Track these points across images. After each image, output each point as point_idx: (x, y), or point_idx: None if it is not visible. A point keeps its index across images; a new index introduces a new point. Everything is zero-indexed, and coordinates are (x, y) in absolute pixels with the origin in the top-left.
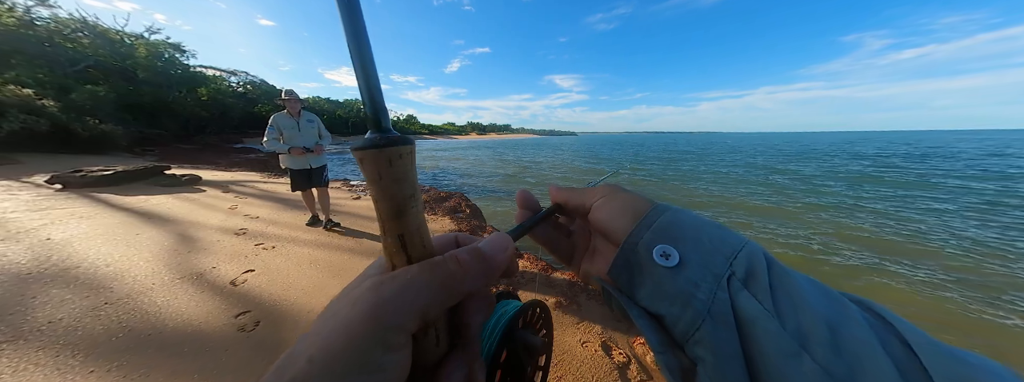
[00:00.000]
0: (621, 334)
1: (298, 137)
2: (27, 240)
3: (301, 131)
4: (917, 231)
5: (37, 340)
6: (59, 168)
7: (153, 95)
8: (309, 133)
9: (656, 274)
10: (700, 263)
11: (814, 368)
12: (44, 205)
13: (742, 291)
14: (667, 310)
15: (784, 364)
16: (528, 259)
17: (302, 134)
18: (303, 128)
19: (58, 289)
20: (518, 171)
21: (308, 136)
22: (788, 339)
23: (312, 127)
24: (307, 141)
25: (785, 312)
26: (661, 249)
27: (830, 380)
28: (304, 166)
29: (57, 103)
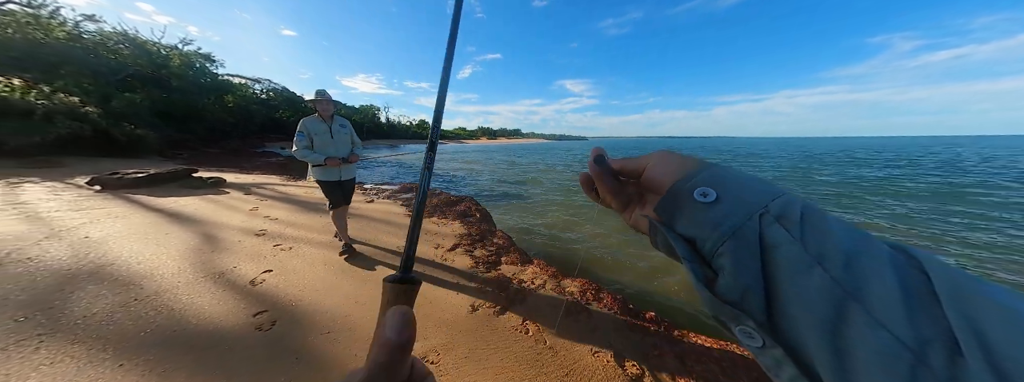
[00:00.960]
0: (634, 345)
1: (330, 145)
2: (68, 238)
3: (334, 138)
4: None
5: (73, 333)
6: (98, 170)
7: (185, 102)
8: (342, 140)
9: (694, 208)
10: (734, 201)
11: (824, 277)
12: (84, 205)
13: (773, 224)
14: (698, 233)
15: (797, 275)
16: (538, 265)
17: (335, 141)
18: (336, 134)
19: (94, 285)
20: (527, 178)
21: (341, 144)
22: (806, 257)
23: (345, 133)
24: (341, 150)
25: (809, 240)
26: (702, 190)
27: (837, 288)
28: (335, 178)
29: (99, 109)
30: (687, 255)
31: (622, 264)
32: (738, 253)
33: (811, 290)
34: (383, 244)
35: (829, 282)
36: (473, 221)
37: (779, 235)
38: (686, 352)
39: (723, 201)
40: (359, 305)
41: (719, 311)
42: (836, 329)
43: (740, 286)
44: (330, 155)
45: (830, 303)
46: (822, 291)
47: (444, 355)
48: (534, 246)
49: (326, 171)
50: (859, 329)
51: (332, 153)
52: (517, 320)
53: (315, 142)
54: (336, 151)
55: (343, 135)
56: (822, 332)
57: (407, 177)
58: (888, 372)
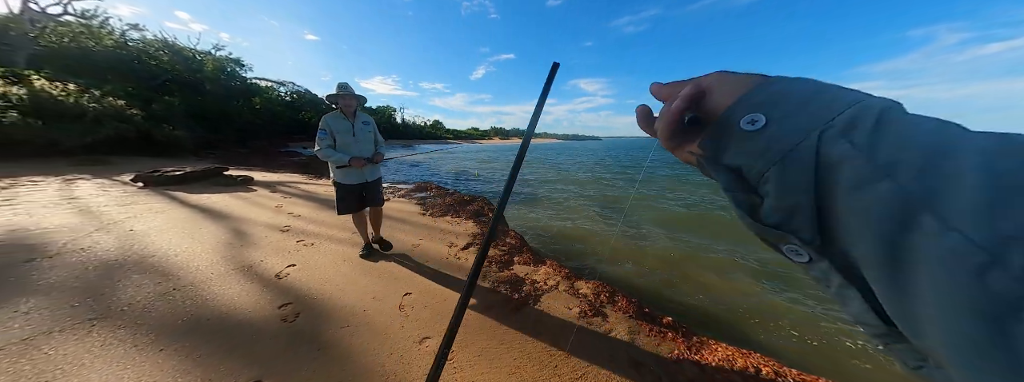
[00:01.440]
0: (651, 350)
1: (354, 144)
2: (115, 230)
3: (357, 136)
4: None
5: (119, 319)
6: (140, 168)
7: (217, 105)
8: (365, 139)
9: (738, 138)
10: (786, 123)
11: (891, 188)
12: (128, 201)
13: (836, 139)
14: (742, 161)
15: (856, 190)
16: (551, 265)
17: (358, 140)
18: (359, 132)
19: (137, 275)
20: (544, 181)
21: (364, 143)
22: (871, 169)
23: (368, 131)
24: (364, 149)
25: (881, 148)
26: (749, 117)
27: (905, 198)
28: (359, 180)
29: (142, 112)
30: (727, 185)
31: (640, 266)
32: (784, 177)
33: (872, 204)
34: (398, 242)
35: (896, 193)
36: (486, 220)
37: (840, 151)
38: (706, 360)
39: (772, 125)
40: (376, 301)
41: (762, 233)
42: (896, 239)
43: (785, 208)
44: (354, 155)
45: (893, 214)
46: (885, 203)
47: (458, 352)
48: (547, 247)
49: (349, 172)
50: (924, 236)
51: (355, 153)
52: (530, 321)
53: (338, 141)
54: (359, 151)
55: (366, 133)
56: (879, 243)
57: (421, 176)
58: (952, 274)
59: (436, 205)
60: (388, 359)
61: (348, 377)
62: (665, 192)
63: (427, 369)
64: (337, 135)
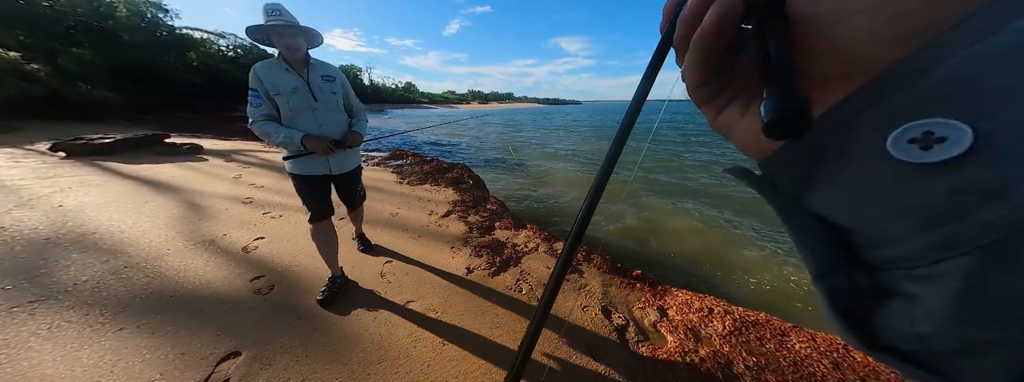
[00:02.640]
0: (621, 300)
1: (310, 113)
2: (41, 207)
3: (318, 99)
4: None
5: (66, 300)
6: (58, 135)
7: (143, 60)
8: (330, 105)
9: (879, 172)
10: (1004, 152)
11: None
12: (50, 173)
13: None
14: (880, 227)
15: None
16: (531, 229)
17: (319, 106)
18: (319, 93)
19: (78, 253)
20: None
21: (328, 112)
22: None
23: (333, 92)
24: (329, 122)
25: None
26: (921, 127)
27: None
28: (322, 171)
29: (46, 68)
30: (818, 271)
31: (615, 227)
32: (988, 281)
33: None
34: (374, 211)
35: None
36: (466, 188)
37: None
38: (668, 305)
39: (986, 152)
40: (355, 269)
41: (881, 361)
42: None
43: (949, 342)
44: (310, 132)
45: None
46: None
47: (442, 313)
48: (527, 212)
49: (306, 162)
50: None
51: (314, 129)
52: (511, 280)
53: (283, 109)
54: (322, 125)
55: (330, 95)
56: None
57: (393, 142)
58: None
59: (413, 173)
60: (373, 323)
61: (332, 342)
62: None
63: (412, 331)
64: (279, 98)
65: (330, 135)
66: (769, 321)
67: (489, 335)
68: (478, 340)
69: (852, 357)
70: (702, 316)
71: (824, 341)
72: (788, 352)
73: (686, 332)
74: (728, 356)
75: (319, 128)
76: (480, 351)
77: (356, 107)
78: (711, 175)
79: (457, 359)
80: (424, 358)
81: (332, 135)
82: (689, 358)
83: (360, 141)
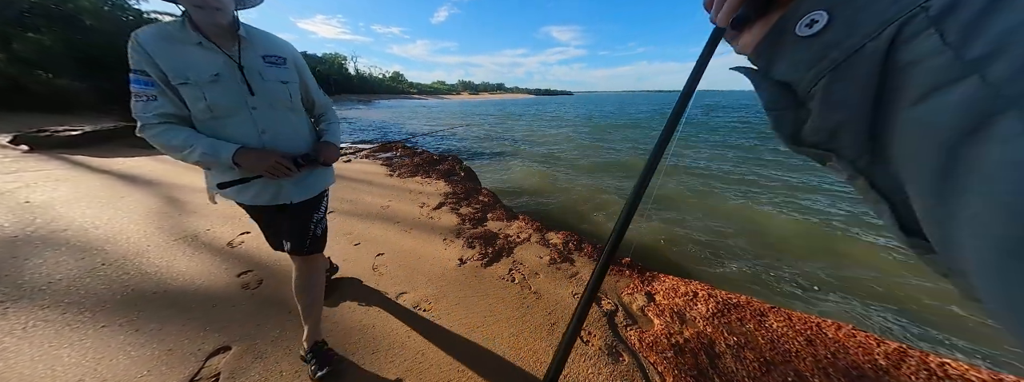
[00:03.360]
0: (610, 286)
1: (243, 114)
2: (5, 203)
3: (256, 93)
4: None
5: (40, 299)
6: (19, 128)
7: (112, 46)
8: (276, 101)
9: (793, 46)
10: (848, 22)
11: (976, 87)
12: (13, 167)
13: (920, 34)
14: (792, 75)
15: (928, 98)
16: (523, 220)
17: (259, 102)
18: (259, 83)
19: (50, 251)
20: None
21: (276, 110)
22: (956, 69)
23: (281, 80)
24: (278, 129)
25: (980, 37)
26: (809, 18)
27: (987, 95)
28: (279, 199)
29: (0, 54)
30: (769, 103)
31: (605, 216)
32: (829, 93)
33: (940, 112)
34: (365, 204)
35: (976, 93)
36: (458, 180)
37: (921, 47)
38: (655, 290)
39: (833, 26)
40: (347, 263)
41: (802, 153)
42: (958, 149)
43: (826, 128)
44: (247, 147)
45: (963, 120)
46: (958, 107)
47: (435, 304)
48: (520, 203)
49: (243, 187)
50: (994, 143)
51: (254, 139)
52: (504, 270)
53: (196, 106)
54: (264, 133)
55: (277, 87)
56: (936, 155)
57: (381, 135)
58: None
59: (404, 165)
60: (366, 315)
61: (324, 334)
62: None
63: (406, 321)
64: (187, 89)
65: (283, 147)
66: (750, 302)
67: (482, 323)
68: (472, 329)
69: (824, 334)
70: (687, 300)
71: (799, 320)
72: (766, 331)
73: (672, 315)
74: (711, 337)
75: (261, 137)
76: (474, 339)
77: (320, 102)
78: (708, 159)
79: (451, 346)
80: (418, 347)
81: (290, 147)
82: (674, 339)
83: (334, 156)
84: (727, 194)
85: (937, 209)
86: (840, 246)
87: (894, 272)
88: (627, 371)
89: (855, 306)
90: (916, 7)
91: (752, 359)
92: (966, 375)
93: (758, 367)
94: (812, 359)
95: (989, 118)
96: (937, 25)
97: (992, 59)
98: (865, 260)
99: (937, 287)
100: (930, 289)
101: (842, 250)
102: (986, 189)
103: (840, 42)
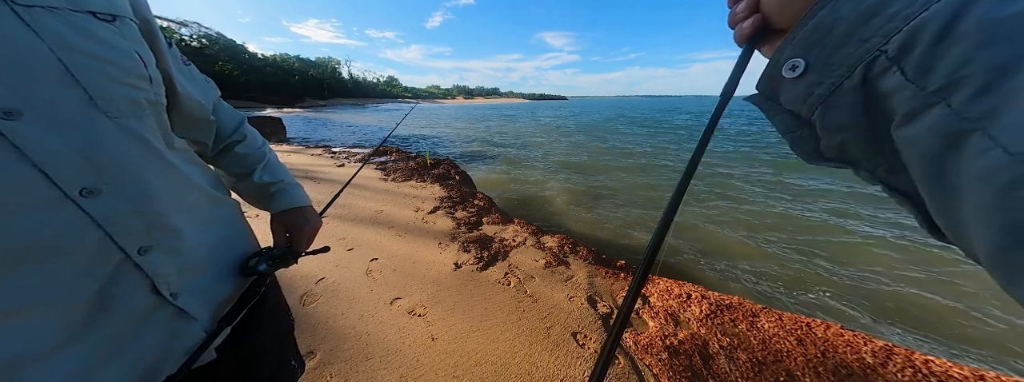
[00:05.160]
0: (605, 289)
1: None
2: None
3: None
4: None
5: None
6: None
7: None
8: (110, 103)
9: (784, 84)
10: (823, 65)
11: (941, 114)
12: None
13: (885, 73)
14: (792, 106)
15: (907, 124)
16: (519, 223)
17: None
18: (65, 54)
19: None
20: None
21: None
22: (922, 99)
23: (115, 54)
24: (121, 176)
25: (936, 72)
26: (792, 63)
27: (955, 120)
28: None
29: None
30: (783, 129)
31: (600, 219)
32: (826, 121)
33: (920, 135)
34: (358, 209)
35: (946, 118)
36: (453, 184)
37: (889, 82)
38: (650, 292)
39: (810, 70)
40: (340, 268)
41: (827, 167)
42: (943, 164)
43: (834, 147)
44: None
45: (941, 141)
46: (934, 130)
47: (431, 308)
48: (515, 206)
49: None
50: (967, 160)
51: None
52: (499, 274)
53: None
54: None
55: (109, 71)
56: (927, 167)
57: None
58: (986, 189)
59: (398, 169)
60: (359, 321)
61: (317, 342)
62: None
63: (400, 327)
64: None
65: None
66: (742, 304)
67: (479, 328)
68: (467, 334)
69: (814, 334)
70: (681, 301)
71: (790, 320)
72: (758, 331)
73: (666, 317)
74: (705, 338)
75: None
76: (470, 344)
77: (226, 119)
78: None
79: (447, 353)
80: (413, 353)
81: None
82: (669, 341)
83: (315, 231)
84: (713, 197)
85: (942, 212)
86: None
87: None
88: (623, 374)
89: (855, 306)
90: (876, 51)
91: (745, 360)
92: (949, 371)
93: (751, 367)
94: (803, 358)
95: (960, 138)
96: (897, 64)
97: (951, 89)
98: (866, 256)
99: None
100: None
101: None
102: (970, 198)
103: (821, 82)
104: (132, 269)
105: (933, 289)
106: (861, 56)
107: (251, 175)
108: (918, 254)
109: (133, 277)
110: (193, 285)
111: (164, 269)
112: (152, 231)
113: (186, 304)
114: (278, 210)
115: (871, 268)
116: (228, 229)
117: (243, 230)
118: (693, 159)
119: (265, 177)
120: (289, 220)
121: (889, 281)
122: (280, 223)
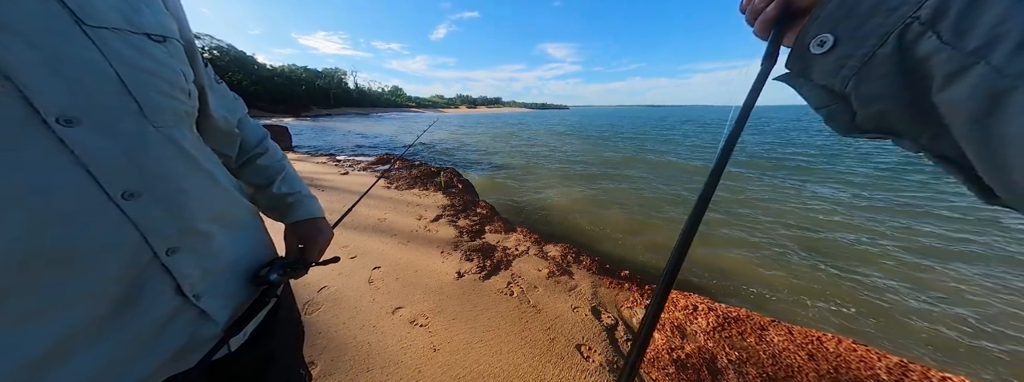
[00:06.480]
0: (610, 300)
1: None
2: None
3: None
4: None
5: None
6: None
7: None
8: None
9: (813, 60)
10: (852, 38)
11: (982, 73)
12: None
13: (921, 37)
14: (824, 81)
15: (948, 85)
16: (521, 232)
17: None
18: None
19: None
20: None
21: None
22: (960, 60)
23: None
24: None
25: (973, 33)
26: (819, 39)
27: (996, 77)
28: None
29: None
30: (816, 103)
31: (603, 227)
32: (861, 92)
33: (962, 95)
34: (361, 217)
35: (987, 77)
36: (455, 192)
37: (925, 47)
38: None
39: (838, 45)
40: (342, 276)
41: (865, 137)
42: (986, 122)
43: (871, 117)
44: None
45: (983, 100)
46: (976, 90)
47: (433, 318)
48: (517, 215)
49: None
50: (1013, 116)
51: None
52: (502, 283)
53: None
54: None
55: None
56: (971, 128)
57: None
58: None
59: (401, 178)
60: (361, 331)
61: (317, 352)
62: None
63: (402, 338)
64: None
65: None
66: (750, 316)
67: (481, 340)
68: (470, 345)
69: (825, 348)
70: (687, 313)
71: (800, 334)
72: (767, 345)
73: (673, 329)
74: (712, 351)
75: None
76: (472, 356)
77: (251, 133)
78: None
79: (449, 365)
80: (414, 364)
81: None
82: (676, 355)
83: (328, 242)
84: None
85: (993, 171)
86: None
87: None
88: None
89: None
90: (908, 18)
91: (755, 375)
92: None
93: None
94: (814, 374)
95: (1002, 96)
96: (932, 28)
97: (990, 47)
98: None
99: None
100: None
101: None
102: (1018, 154)
103: (852, 54)
104: (159, 269)
105: (950, 304)
106: (893, 24)
107: (270, 186)
108: (933, 267)
109: (160, 277)
110: (215, 288)
111: (190, 270)
112: (182, 233)
113: (207, 306)
114: (293, 220)
115: (884, 280)
116: (251, 236)
117: (263, 237)
118: (715, 170)
119: (283, 188)
120: (303, 231)
121: (903, 295)
122: (294, 233)
